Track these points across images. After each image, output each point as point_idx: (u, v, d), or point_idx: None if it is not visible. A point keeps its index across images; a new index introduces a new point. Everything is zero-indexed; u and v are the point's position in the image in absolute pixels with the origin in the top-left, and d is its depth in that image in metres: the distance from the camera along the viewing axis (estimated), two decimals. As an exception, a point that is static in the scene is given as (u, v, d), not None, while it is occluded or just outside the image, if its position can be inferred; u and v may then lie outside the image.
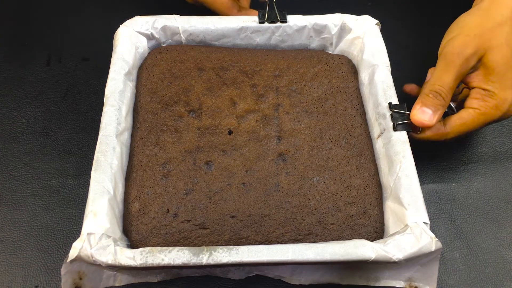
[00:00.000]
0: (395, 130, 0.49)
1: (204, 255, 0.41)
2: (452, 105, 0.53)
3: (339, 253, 0.41)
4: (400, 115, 0.49)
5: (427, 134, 0.50)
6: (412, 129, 0.50)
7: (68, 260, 0.40)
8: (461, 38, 0.49)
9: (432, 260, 0.42)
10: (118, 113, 0.49)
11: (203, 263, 0.40)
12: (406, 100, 0.52)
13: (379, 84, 0.52)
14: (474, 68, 0.49)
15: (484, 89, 0.49)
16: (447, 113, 0.53)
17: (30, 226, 0.50)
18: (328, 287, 0.46)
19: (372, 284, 0.45)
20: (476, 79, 0.49)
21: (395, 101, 0.51)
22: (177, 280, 0.47)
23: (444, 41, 0.50)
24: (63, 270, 0.41)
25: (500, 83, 0.48)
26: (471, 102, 0.49)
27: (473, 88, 0.50)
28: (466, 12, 0.52)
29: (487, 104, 0.48)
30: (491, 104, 0.48)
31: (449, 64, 0.48)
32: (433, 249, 0.41)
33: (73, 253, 0.40)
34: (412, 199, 0.44)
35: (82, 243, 0.40)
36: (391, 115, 0.50)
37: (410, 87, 0.57)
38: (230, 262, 0.40)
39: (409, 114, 0.49)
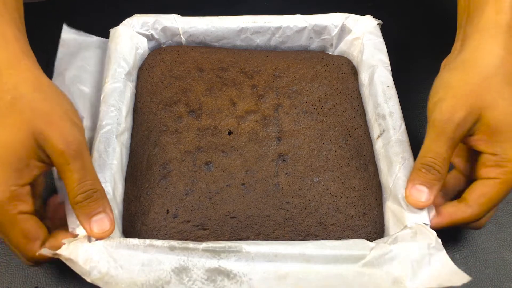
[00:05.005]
0: None
1: (203, 256, 0.41)
2: None
3: (339, 253, 0.41)
4: None
5: (445, 220, 0.43)
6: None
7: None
8: (448, 101, 0.42)
9: None
10: (118, 114, 0.49)
11: (203, 264, 0.40)
12: (407, 100, 0.51)
13: (378, 84, 0.52)
14: (471, 131, 0.43)
15: (493, 154, 0.42)
16: None
17: (30, 226, 0.50)
18: None
19: None
20: (481, 143, 0.43)
21: (394, 102, 0.51)
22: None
23: (430, 104, 0.44)
24: None
25: (510, 142, 0.41)
26: (487, 171, 0.42)
27: (481, 153, 0.43)
28: (448, 67, 0.45)
29: (505, 170, 0.41)
30: (509, 169, 0.41)
31: (440, 133, 0.42)
32: (433, 249, 0.41)
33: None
34: (412, 200, 0.44)
35: (81, 244, 0.40)
36: None
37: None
38: (229, 262, 0.40)
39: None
